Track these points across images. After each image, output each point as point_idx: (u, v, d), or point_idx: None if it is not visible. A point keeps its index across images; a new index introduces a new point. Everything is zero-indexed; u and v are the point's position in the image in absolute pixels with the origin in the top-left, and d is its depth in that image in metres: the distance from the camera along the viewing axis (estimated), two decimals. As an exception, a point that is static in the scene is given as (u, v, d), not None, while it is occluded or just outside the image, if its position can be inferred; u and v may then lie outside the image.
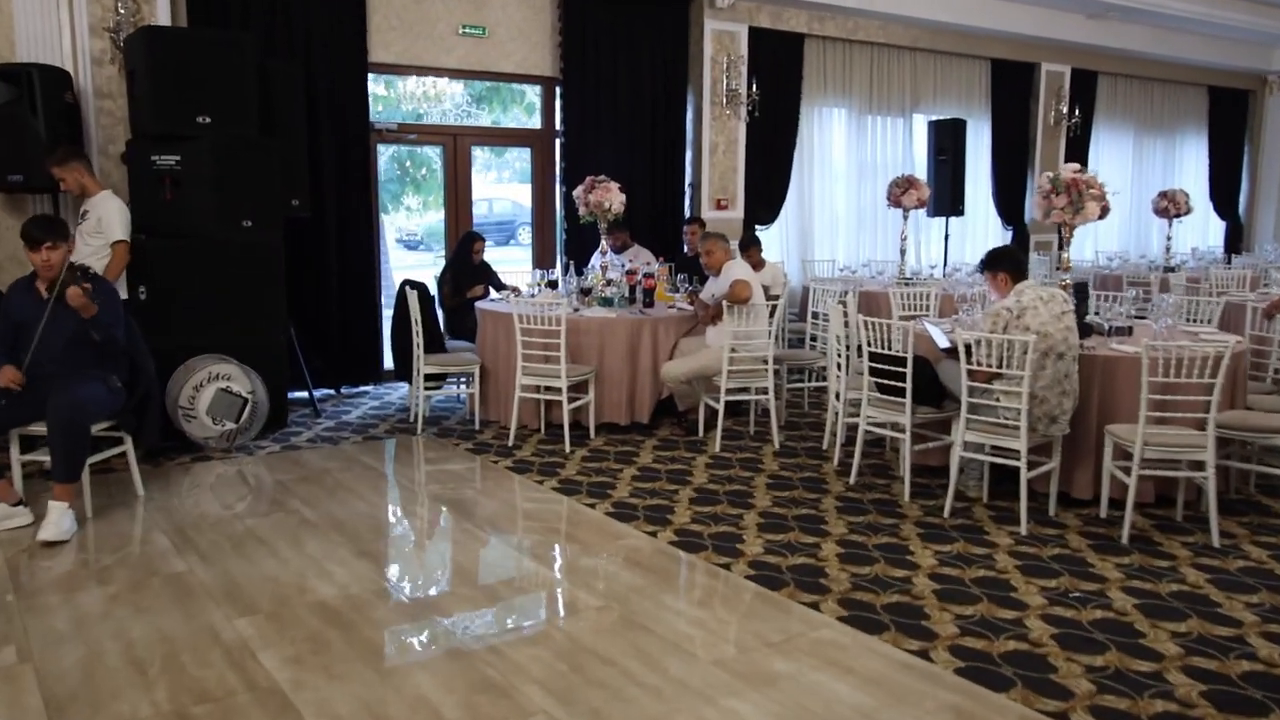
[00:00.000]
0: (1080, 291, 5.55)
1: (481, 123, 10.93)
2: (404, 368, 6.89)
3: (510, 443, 6.20)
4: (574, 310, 6.51)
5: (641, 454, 6.01)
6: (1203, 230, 13.73)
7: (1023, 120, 11.53)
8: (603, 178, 7.03)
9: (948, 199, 9.96)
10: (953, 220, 10.35)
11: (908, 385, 4.97)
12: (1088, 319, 5.47)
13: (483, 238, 7.66)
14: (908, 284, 8.26)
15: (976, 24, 10.46)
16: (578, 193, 7.09)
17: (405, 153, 12.72)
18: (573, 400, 6.17)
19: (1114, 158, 12.60)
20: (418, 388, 6.59)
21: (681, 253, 8.48)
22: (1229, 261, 11.52)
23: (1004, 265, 4.96)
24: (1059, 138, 11.75)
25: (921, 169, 10.21)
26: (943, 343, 5.13)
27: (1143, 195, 12.55)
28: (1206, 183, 13.60)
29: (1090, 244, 11.96)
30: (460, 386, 7.27)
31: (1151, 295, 8.55)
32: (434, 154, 9.22)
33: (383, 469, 5.82)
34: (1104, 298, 6.06)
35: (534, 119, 9.13)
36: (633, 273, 7.06)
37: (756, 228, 9.44)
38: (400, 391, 7.76)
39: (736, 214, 9.45)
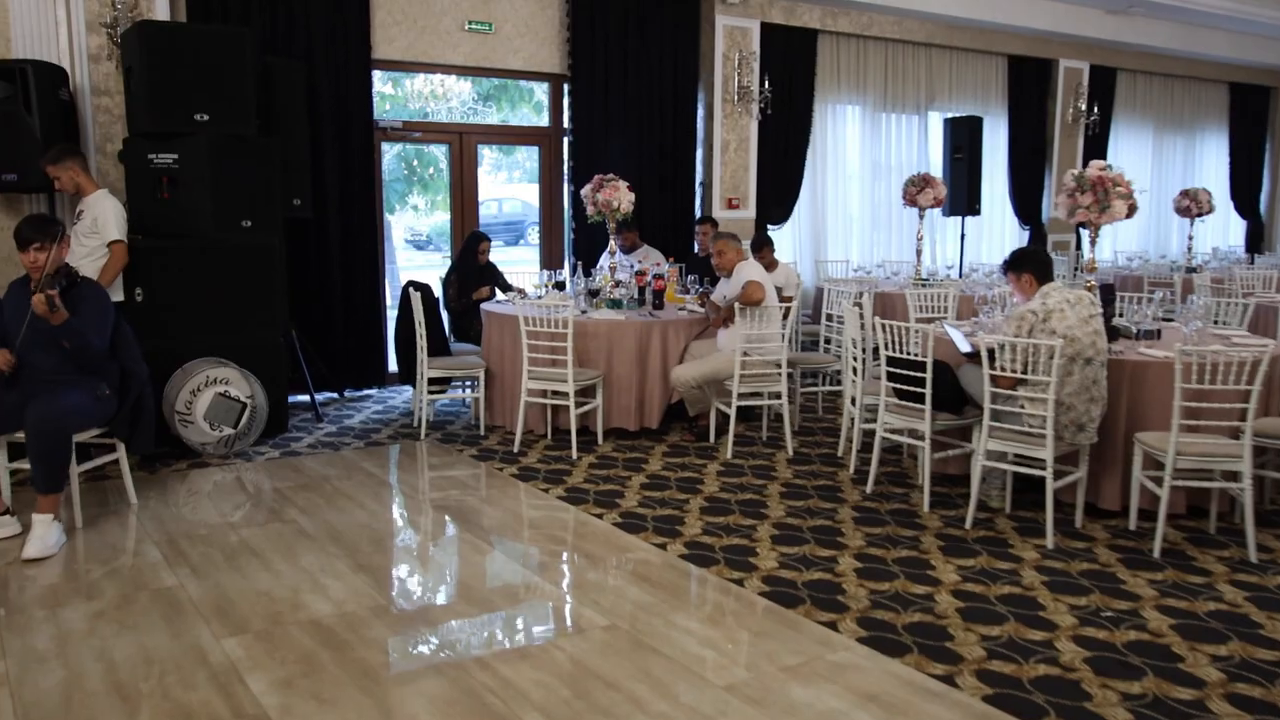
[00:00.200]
0: (1106, 293, 5.36)
1: (489, 122, 10.75)
2: (408, 371, 6.72)
3: (516, 448, 6.02)
4: (581, 312, 6.33)
5: (651, 461, 5.83)
6: (1223, 230, 13.47)
7: (1040, 118, 11.31)
8: (611, 176, 6.84)
9: (964, 198, 9.78)
10: (968, 220, 10.17)
11: (927, 391, 4.78)
12: (1114, 322, 5.26)
13: (488, 238, 7.49)
14: (924, 285, 8.06)
15: (993, 19, 10.26)
16: (586, 192, 6.89)
17: (412, 151, 12.57)
18: (580, 405, 5.99)
19: (1133, 156, 12.36)
20: (421, 392, 6.42)
21: (692, 253, 8.30)
22: (1251, 261, 11.29)
23: (1029, 266, 4.75)
24: (1077, 135, 11.51)
25: (937, 167, 10.02)
26: (964, 347, 4.93)
27: (1162, 194, 12.32)
28: (1227, 181, 13.34)
29: (1109, 244, 11.73)
30: (465, 390, 7.10)
31: (1174, 297, 8.36)
32: (441, 153, 9.06)
33: (384, 476, 5.65)
34: (1126, 299, 5.86)
35: (542, 117, 8.96)
36: (642, 274, 6.89)
37: (768, 227, 9.26)
38: (405, 395, 7.60)
39: (748, 213, 9.26)
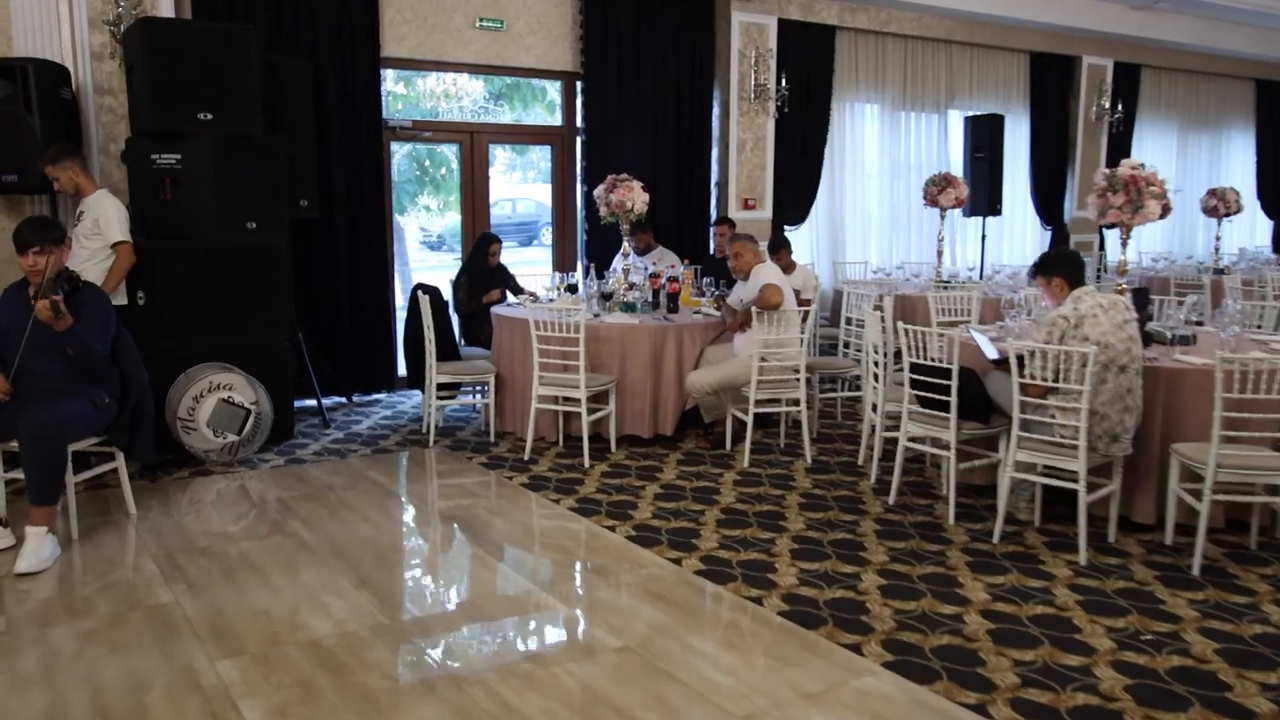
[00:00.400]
0: (1140, 298, 5.15)
1: (501, 121, 10.59)
2: (417, 375, 6.56)
3: (526, 456, 5.86)
4: (594, 316, 6.16)
5: (665, 469, 5.65)
6: (1249, 229, 13.20)
7: (1063, 116, 11.08)
8: (625, 176, 6.66)
9: (985, 198, 9.56)
10: (989, 220, 9.95)
11: (953, 399, 4.59)
12: (1148, 327, 5.05)
13: (499, 239, 7.32)
14: (945, 287, 7.86)
15: (1015, 15, 10.04)
16: (599, 192, 6.73)
17: (424, 152, 12.42)
18: (592, 412, 5.82)
19: (1158, 155, 12.09)
20: (430, 397, 6.26)
21: (707, 255, 8.12)
22: (1280, 262, 11.03)
23: (1060, 270, 4.54)
24: (1100, 134, 11.28)
25: (957, 167, 9.82)
26: (991, 353, 4.74)
27: (1187, 193, 12.05)
28: (1254, 180, 13.07)
29: (1132, 244, 11.44)
30: (475, 396, 6.94)
31: (1205, 300, 8.11)
32: (452, 153, 8.91)
33: (390, 485, 5.49)
34: (1156, 303, 5.64)
35: (555, 117, 8.80)
36: (656, 276, 6.72)
37: (785, 228, 9.07)
38: (414, 400, 7.45)
39: (765, 214, 9.07)
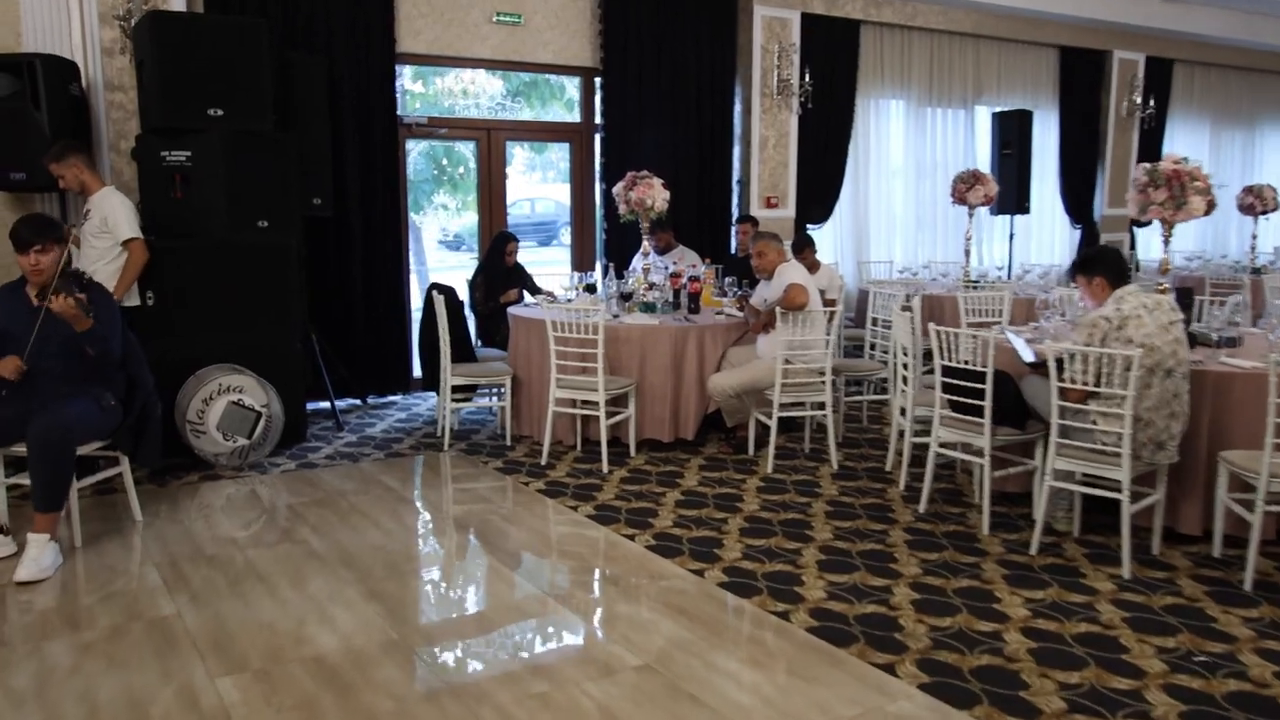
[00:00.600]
0: (1184, 298, 4.93)
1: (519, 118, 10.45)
2: (432, 377, 6.41)
3: (543, 461, 5.70)
4: (613, 317, 6.00)
5: (686, 475, 5.48)
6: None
7: (1093, 112, 10.81)
8: (645, 173, 6.48)
9: (1013, 196, 9.35)
10: (1016, 218, 9.72)
11: (988, 404, 4.39)
12: (1192, 328, 4.84)
13: (516, 238, 7.17)
14: (974, 287, 7.65)
15: (1044, 9, 9.81)
16: (618, 190, 6.55)
17: (441, 149, 12.28)
18: (611, 415, 5.65)
19: (1190, 151, 11.65)
20: (445, 400, 6.11)
21: (729, 254, 7.94)
22: (1318, 262, 10.74)
23: (1101, 269, 4.34)
24: (1132, 130, 11.01)
25: (984, 164, 9.59)
26: (1028, 356, 4.54)
27: (1221, 190, 11.75)
28: (1290, 177, 12.75)
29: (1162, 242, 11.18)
30: (491, 398, 6.78)
31: (1245, 300, 7.86)
32: (469, 151, 8.77)
33: (403, 491, 5.33)
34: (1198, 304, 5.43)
35: (574, 114, 8.64)
36: (677, 276, 6.54)
37: (808, 227, 8.87)
38: (429, 402, 7.30)
39: (788, 212, 8.88)
